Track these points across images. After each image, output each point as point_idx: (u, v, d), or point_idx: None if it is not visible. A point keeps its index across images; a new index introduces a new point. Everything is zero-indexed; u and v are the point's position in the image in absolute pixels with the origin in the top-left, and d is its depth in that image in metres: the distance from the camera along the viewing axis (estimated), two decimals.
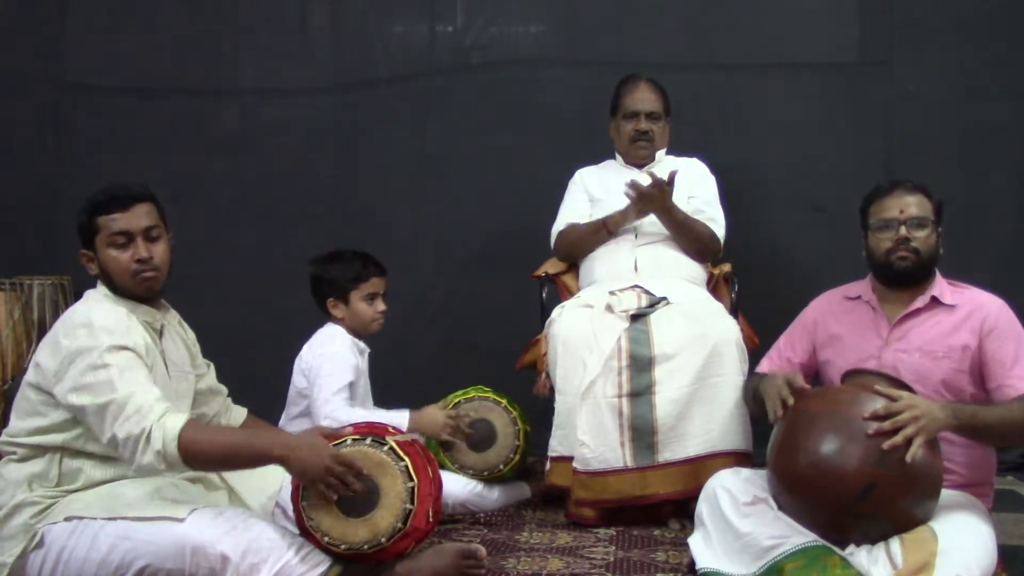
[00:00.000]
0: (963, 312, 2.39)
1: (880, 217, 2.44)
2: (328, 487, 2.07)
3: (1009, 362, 2.29)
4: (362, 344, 3.03)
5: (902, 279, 2.43)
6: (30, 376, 2.17)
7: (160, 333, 2.29)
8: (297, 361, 2.99)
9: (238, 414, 2.57)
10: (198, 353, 2.48)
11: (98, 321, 2.11)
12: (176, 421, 2.02)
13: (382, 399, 3.20)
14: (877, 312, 2.48)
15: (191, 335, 2.47)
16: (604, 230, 3.25)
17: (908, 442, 2.06)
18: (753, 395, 2.54)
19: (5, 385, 3.66)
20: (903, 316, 2.43)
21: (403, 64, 4.08)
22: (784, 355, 2.63)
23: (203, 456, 2.04)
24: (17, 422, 2.18)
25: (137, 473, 2.07)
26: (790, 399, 2.26)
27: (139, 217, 2.20)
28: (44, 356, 2.14)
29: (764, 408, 2.36)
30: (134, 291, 2.21)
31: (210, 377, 2.52)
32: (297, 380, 2.97)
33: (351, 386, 2.91)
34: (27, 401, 2.17)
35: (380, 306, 2.99)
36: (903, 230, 2.40)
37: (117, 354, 2.07)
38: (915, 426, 2.08)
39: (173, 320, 2.39)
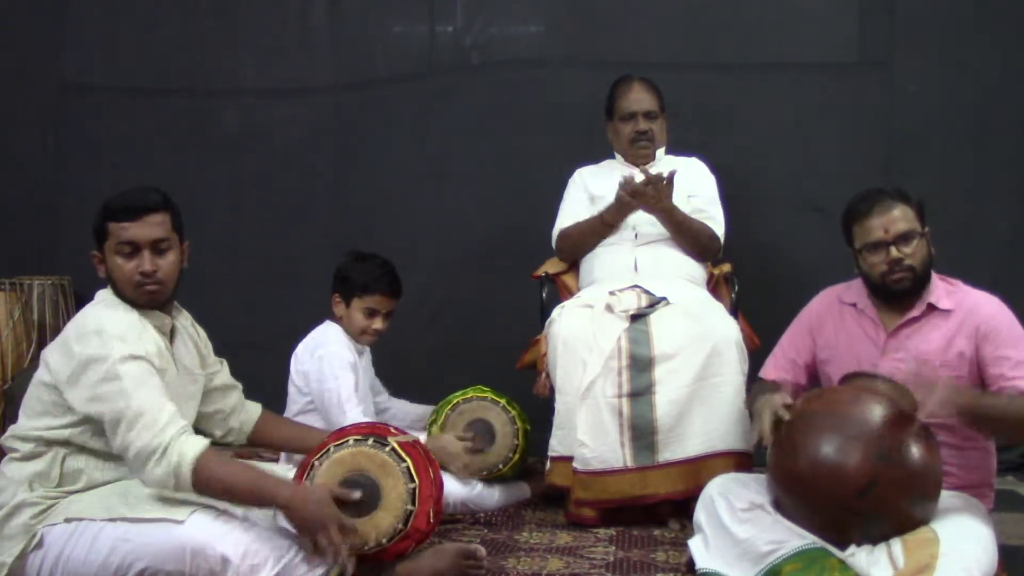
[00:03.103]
0: (958, 317, 2.37)
1: (866, 241, 2.39)
2: (325, 543, 2.05)
3: (1009, 364, 2.28)
4: (359, 344, 3.03)
5: (902, 297, 2.40)
6: (42, 375, 2.17)
7: (171, 336, 2.29)
8: (293, 360, 2.99)
9: (252, 409, 2.58)
10: (210, 352, 2.48)
11: (110, 328, 2.10)
12: (196, 446, 2.03)
13: None
14: (874, 321, 2.47)
15: (203, 335, 2.47)
16: (601, 224, 3.24)
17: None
18: (750, 407, 2.54)
19: (5, 385, 3.66)
20: (899, 325, 2.42)
21: (403, 64, 4.08)
22: (788, 356, 2.62)
23: (212, 486, 2.04)
24: (26, 421, 2.17)
25: (146, 485, 2.07)
26: (768, 438, 2.25)
27: (149, 228, 2.18)
28: (55, 357, 2.14)
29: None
30: (136, 301, 2.20)
31: (224, 374, 2.52)
32: (295, 378, 2.97)
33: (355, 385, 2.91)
34: (39, 402, 2.16)
35: (377, 324, 2.97)
36: (893, 251, 2.35)
37: (130, 364, 2.07)
38: (937, 376, 2.10)
39: (185, 322, 2.40)
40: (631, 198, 3.10)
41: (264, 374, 3.13)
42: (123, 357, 2.06)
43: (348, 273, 2.99)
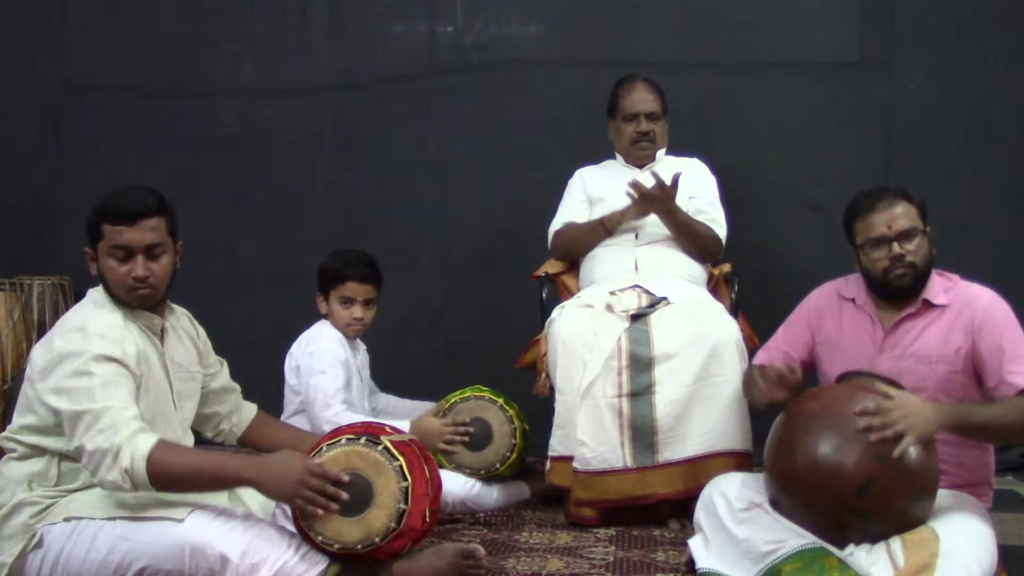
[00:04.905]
0: (954, 312, 2.37)
1: (869, 236, 2.39)
2: (308, 501, 2.04)
3: (1005, 358, 2.27)
4: (349, 338, 3.02)
5: (902, 295, 2.40)
6: (27, 371, 2.17)
7: (163, 335, 2.29)
8: (288, 358, 2.99)
9: (248, 411, 2.57)
10: (209, 351, 2.48)
11: (92, 326, 2.10)
12: (147, 441, 2.01)
13: None
14: (872, 319, 2.47)
15: (202, 333, 2.47)
16: (601, 229, 3.25)
17: (898, 439, 2.06)
18: (750, 385, 2.54)
19: (5, 385, 3.67)
20: (896, 322, 2.42)
21: (403, 64, 4.09)
22: (783, 349, 2.61)
23: (171, 477, 2.02)
24: (17, 418, 2.18)
25: (101, 487, 2.05)
26: (777, 390, 2.27)
27: (144, 233, 2.16)
28: (38, 354, 2.14)
29: (759, 397, 2.36)
30: (127, 303, 2.20)
31: (223, 376, 2.52)
32: (289, 378, 2.97)
33: (344, 383, 2.90)
34: (24, 397, 2.17)
35: (356, 312, 2.95)
36: (895, 247, 2.35)
37: (104, 365, 2.06)
38: (904, 423, 2.08)
39: (180, 320, 2.39)
40: (640, 200, 3.10)
41: (263, 374, 3.14)
42: (98, 356, 2.06)
43: (323, 268, 2.99)
